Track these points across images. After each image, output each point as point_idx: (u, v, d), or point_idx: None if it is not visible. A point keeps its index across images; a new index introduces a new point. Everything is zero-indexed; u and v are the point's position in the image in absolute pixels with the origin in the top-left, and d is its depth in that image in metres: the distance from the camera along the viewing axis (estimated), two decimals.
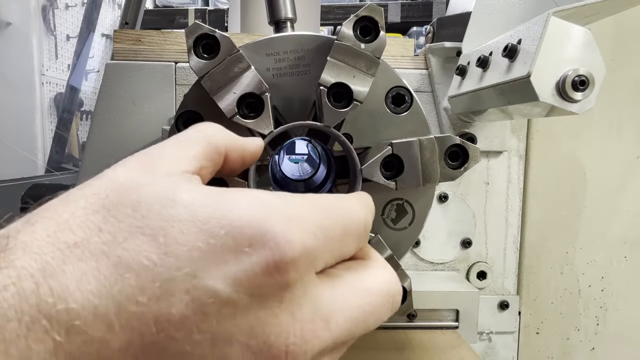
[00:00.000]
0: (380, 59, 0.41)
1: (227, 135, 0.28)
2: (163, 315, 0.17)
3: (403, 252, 0.48)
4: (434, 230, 0.70)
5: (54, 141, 2.23)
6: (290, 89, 0.45)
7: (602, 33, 0.69)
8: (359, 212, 0.24)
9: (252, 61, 0.41)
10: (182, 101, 0.44)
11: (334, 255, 0.23)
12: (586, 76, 0.40)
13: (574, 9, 0.41)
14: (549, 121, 0.70)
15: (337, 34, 0.41)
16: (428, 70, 0.67)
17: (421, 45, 0.71)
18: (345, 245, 0.23)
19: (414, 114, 0.46)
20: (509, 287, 0.72)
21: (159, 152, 0.24)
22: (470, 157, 0.42)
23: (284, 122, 0.44)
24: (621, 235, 0.72)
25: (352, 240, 0.24)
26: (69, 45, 2.51)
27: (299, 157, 1.11)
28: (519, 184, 0.70)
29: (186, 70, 0.64)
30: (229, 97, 0.40)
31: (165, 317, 0.17)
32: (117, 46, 0.65)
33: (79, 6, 2.55)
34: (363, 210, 0.25)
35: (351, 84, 0.41)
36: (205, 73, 0.40)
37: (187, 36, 0.40)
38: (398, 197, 0.47)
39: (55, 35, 2.42)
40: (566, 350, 0.73)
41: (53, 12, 2.40)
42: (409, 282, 0.44)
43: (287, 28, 0.52)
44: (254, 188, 0.41)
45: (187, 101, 0.44)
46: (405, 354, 0.56)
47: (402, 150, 0.42)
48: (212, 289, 0.18)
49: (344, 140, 0.40)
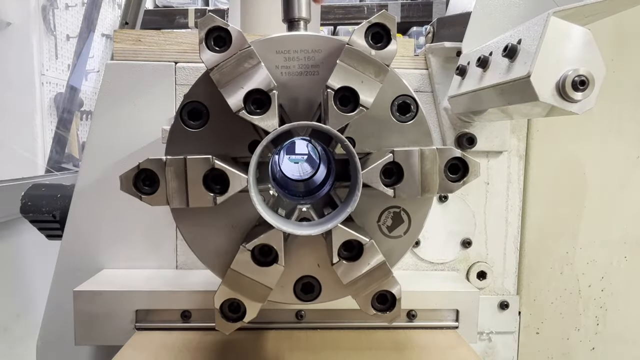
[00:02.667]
0: (389, 66, 0.41)
1: None
2: None
3: (396, 259, 0.48)
4: (434, 230, 0.70)
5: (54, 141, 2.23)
6: (297, 88, 0.45)
7: (602, 33, 0.68)
8: None
9: (262, 57, 0.41)
10: (188, 92, 0.44)
11: None
12: (586, 76, 0.40)
13: (574, 9, 0.41)
14: (549, 121, 0.70)
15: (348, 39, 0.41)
16: (428, 70, 0.67)
17: (421, 45, 0.71)
18: None
19: (418, 123, 0.46)
20: (509, 287, 0.72)
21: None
22: (470, 172, 0.42)
23: (288, 120, 0.44)
24: (621, 235, 0.72)
25: None
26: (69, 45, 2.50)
27: (299, 157, 1.11)
28: (519, 184, 0.70)
29: (186, 70, 0.64)
30: (236, 92, 0.40)
31: None
32: (117, 46, 0.65)
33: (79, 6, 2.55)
34: None
35: (358, 89, 0.41)
36: (215, 66, 0.40)
37: (200, 28, 0.40)
38: (395, 205, 0.47)
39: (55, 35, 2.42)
40: (566, 350, 0.73)
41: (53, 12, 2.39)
42: (398, 289, 0.45)
43: (300, 28, 0.52)
44: (254, 183, 0.41)
45: (194, 92, 0.44)
46: (405, 354, 0.56)
47: (403, 159, 0.42)
48: None
49: (347, 144, 0.40)
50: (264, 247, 0.43)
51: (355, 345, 0.57)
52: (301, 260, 0.47)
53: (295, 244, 0.47)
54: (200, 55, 0.40)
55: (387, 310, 0.45)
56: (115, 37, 0.65)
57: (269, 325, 0.62)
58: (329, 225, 0.42)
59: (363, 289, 0.44)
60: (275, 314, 0.62)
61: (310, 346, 0.58)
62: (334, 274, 0.44)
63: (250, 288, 0.43)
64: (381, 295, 0.45)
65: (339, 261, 0.43)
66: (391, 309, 0.45)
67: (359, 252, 0.43)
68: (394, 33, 0.41)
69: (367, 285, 0.44)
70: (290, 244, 0.46)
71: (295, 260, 0.47)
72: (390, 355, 0.55)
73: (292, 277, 0.47)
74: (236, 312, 0.44)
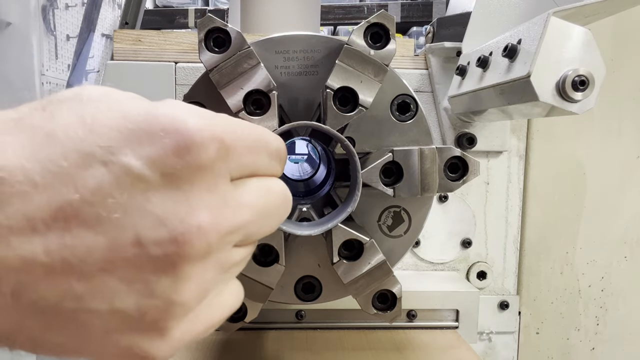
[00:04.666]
0: (389, 66, 0.41)
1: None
2: (80, 180, 0.20)
3: (396, 259, 0.48)
4: (434, 230, 0.70)
5: None
6: (296, 88, 0.45)
7: (602, 33, 0.69)
8: (270, 137, 0.27)
9: (261, 58, 0.41)
10: (188, 92, 0.44)
11: (246, 162, 0.25)
12: (586, 76, 0.40)
13: (574, 9, 0.41)
14: (549, 121, 0.70)
15: (347, 39, 0.41)
16: (428, 70, 0.67)
17: (421, 45, 0.71)
18: (257, 158, 0.26)
19: (418, 122, 0.46)
20: (509, 287, 0.72)
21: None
22: (469, 171, 0.42)
23: (287, 120, 0.44)
24: (621, 235, 0.72)
25: (264, 156, 0.26)
26: (69, 45, 2.51)
27: (299, 157, 1.11)
28: (519, 184, 0.70)
29: (186, 70, 0.64)
30: (236, 93, 0.40)
31: (82, 182, 0.20)
32: (117, 46, 0.65)
33: (79, 6, 2.55)
34: (276, 140, 0.28)
35: (358, 89, 0.41)
36: (215, 67, 0.40)
37: (199, 29, 0.40)
38: (396, 204, 0.47)
39: (55, 35, 2.42)
40: (566, 350, 0.73)
41: (53, 12, 2.40)
42: (398, 288, 0.45)
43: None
44: None
45: (194, 92, 0.44)
46: (405, 354, 0.56)
47: (403, 158, 0.42)
48: (126, 165, 0.20)
49: (347, 144, 0.40)
50: (265, 247, 0.43)
51: (355, 345, 0.57)
52: (301, 260, 0.47)
53: (296, 243, 0.47)
54: (200, 56, 0.40)
55: (388, 310, 0.45)
56: (115, 37, 0.65)
57: (269, 325, 0.62)
58: (329, 225, 0.42)
59: (364, 289, 0.44)
60: (275, 314, 0.62)
61: (310, 346, 0.58)
62: (335, 273, 0.44)
63: (251, 288, 0.43)
64: (382, 295, 0.45)
65: (339, 260, 0.43)
66: (392, 308, 0.45)
67: (359, 252, 0.43)
68: (393, 33, 0.41)
69: (367, 284, 0.44)
70: (291, 243, 0.46)
71: (295, 260, 0.47)
72: (390, 355, 0.55)
73: (293, 277, 0.47)
74: (237, 312, 0.44)
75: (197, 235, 0.21)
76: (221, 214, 0.22)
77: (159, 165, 0.21)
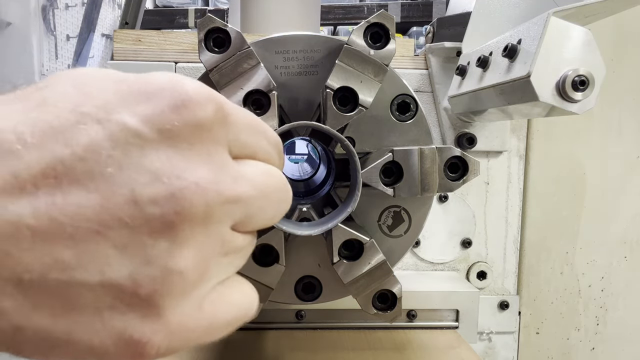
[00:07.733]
0: (389, 66, 0.41)
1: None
2: (74, 138, 0.19)
3: (396, 259, 0.48)
4: (434, 230, 0.70)
5: None
6: (296, 88, 0.45)
7: (602, 33, 0.69)
8: (269, 128, 0.27)
9: (261, 58, 0.41)
10: None
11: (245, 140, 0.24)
12: (586, 76, 0.40)
13: (574, 9, 0.41)
14: (549, 121, 0.70)
15: (347, 39, 0.41)
16: (428, 70, 0.67)
17: (421, 45, 0.71)
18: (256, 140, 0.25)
19: (417, 122, 0.46)
20: (509, 287, 0.72)
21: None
22: (469, 170, 0.42)
23: (287, 120, 0.44)
24: (621, 235, 0.72)
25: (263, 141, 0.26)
26: (69, 45, 2.51)
27: (299, 157, 1.11)
28: (519, 184, 0.70)
29: (186, 70, 0.64)
30: (236, 93, 0.40)
31: (76, 140, 0.19)
32: (117, 46, 0.65)
33: (79, 6, 2.55)
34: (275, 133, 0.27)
35: (358, 89, 0.41)
36: (214, 67, 0.40)
37: (199, 29, 0.40)
38: (396, 204, 0.47)
39: (55, 35, 2.42)
40: (566, 350, 0.73)
41: (53, 12, 2.40)
42: (398, 288, 0.45)
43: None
44: None
45: None
46: (405, 354, 0.56)
47: (403, 158, 0.42)
48: (121, 121, 0.20)
49: (347, 144, 0.40)
50: (265, 247, 0.43)
51: (355, 345, 0.57)
52: (302, 260, 0.47)
53: (296, 243, 0.47)
54: (200, 56, 0.40)
55: (388, 310, 0.45)
56: (115, 37, 0.65)
57: (269, 325, 0.62)
58: (329, 225, 0.42)
59: (364, 289, 0.44)
60: (275, 314, 0.62)
61: (310, 346, 0.58)
62: (335, 273, 0.44)
63: None
64: (382, 295, 0.45)
65: (339, 260, 0.43)
66: (392, 308, 0.45)
67: (359, 252, 0.43)
68: (393, 33, 0.41)
69: (367, 284, 0.44)
70: (291, 243, 0.46)
71: (295, 260, 0.47)
72: (390, 355, 0.55)
73: (293, 277, 0.47)
74: None
75: (196, 191, 0.20)
76: (221, 177, 0.21)
77: (156, 122, 0.20)
